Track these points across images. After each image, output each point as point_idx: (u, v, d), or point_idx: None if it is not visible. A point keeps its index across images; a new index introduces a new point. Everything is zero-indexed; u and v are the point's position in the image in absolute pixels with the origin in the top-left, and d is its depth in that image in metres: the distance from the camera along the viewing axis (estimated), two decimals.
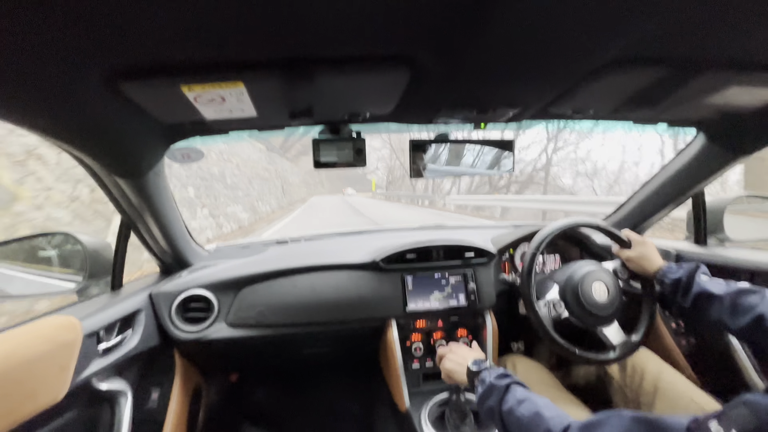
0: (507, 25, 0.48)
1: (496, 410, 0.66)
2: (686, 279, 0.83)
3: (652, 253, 0.96)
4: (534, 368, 1.08)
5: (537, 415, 0.59)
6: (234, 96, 0.60)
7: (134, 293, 1.01)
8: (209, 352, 1.16)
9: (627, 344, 0.95)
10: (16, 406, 0.59)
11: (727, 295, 0.75)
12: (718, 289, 0.77)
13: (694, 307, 0.81)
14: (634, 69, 0.64)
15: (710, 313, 0.77)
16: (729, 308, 0.73)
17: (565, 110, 0.84)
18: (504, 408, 0.65)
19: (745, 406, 0.44)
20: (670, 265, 0.90)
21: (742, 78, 0.67)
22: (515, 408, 0.63)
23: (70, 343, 0.71)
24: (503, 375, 0.71)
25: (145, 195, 0.89)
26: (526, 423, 0.60)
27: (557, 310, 0.99)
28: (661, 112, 0.86)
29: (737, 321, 0.71)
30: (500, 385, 0.69)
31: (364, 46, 0.53)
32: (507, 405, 0.64)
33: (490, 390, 0.69)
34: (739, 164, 1.07)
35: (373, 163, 48.18)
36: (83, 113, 0.59)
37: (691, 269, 0.84)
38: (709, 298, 0.78)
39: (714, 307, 0.76)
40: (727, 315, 0.73)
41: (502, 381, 0.69)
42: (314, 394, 1.65)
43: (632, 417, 0.51)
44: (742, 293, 0.73)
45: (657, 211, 1.27)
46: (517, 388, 0.67)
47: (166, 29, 0.43)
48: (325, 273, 1.19)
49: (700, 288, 0.80)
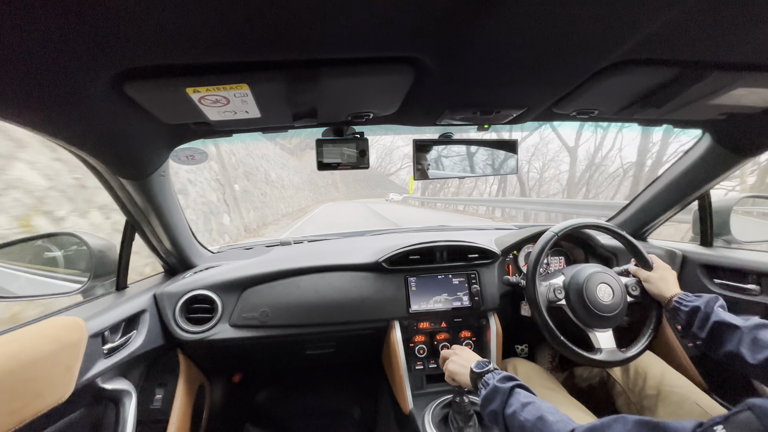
0: (511, 26, 0.47)
1: (500, 413, 0.65)
2: (705, 308, 0.80)
3: (672, 279, 0.94)
4: (536, 371, 1.07)
5: (540, 420, 0.59)
6: (238, 98, 0.60)
7: (139, 294, 1.02)
8: (213, 352, 1.17)
9: (615, 354, 0.94)
10: (22, 405, 0.60)
11: (746, 327, 0.72)
12: (737, 321, 0.75)
13: (711, 338, 0.78)
14: (639, 70, 0.63)
15: (728, 345, 0.74)
16: (749, 342, 0.71)
17: (569, 111, 0.84)
18: (507, 411, 0.64)
19: (751, 411, 0.43)
20: (686, 294, 0.88)
21: (748, 79, 0.66)
22: (519, 411, 0.62)
23: (75, 343, 0.72)
24: (507, 378, 0.71)
25: (150, 196, 0.89)
26: (530, 427, 0.59)
27: (556, 296, 0.99)
28: (667, 113, 0.85)
29: (757, 355, 0.69)
30: (504, 387, 0.68)
31: (367, 48, 0.53)
32: (511, 408, 0.64)
33: (493, 393, 0.69)
34: (744, 166, 1.06)
35: (396, 162, 45.80)
36: (89, 115, 0.59)
37: (710, 299, 0.82)
38: (728, 329, 0.75)
39: (732, 339, 0.74)
40: (746, 348, 0.71)
41: (506, 384, 0.69)
42: (317, 395, 1.65)
43: (636, 421, 0.51)
44: (763, 327, 0.71)
45: (662, 212, 1.26)
46: (521, 392, 0.67)
47: (172, 32, 0.44)
48: (328, 274, 1.19)
49: (718, 318, 0.77)
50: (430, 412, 1.03)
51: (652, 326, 0.98)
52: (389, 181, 49.57)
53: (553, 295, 1.00)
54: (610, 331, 0.97)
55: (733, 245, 1.18)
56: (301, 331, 1.15)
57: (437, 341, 1.23)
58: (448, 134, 0.95)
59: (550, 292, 1.00)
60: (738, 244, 1.17)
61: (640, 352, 0.95)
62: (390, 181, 49.59)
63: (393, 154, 47.24)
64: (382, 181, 50.06)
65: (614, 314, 0.95)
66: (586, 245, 1.40)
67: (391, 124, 0.90)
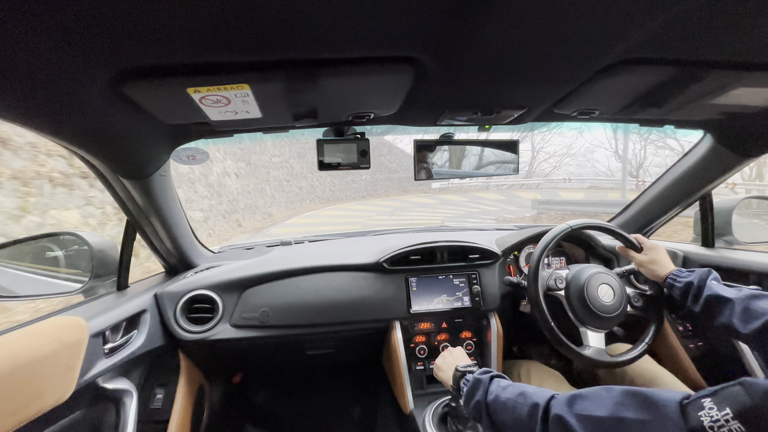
0: (510, 26, 0.47)
1: (482, 402, 0.67)
2: (698, 282, 0.82)
3: (664, 258, 0.95)
4: (549, 375, 1.07)
5: (521, 395, 0.62)
6: (239, 98, 0.60)
7: (140, 293, 1.02)
8: (213, 352, 1.17)
9: (602, 354, 0.93)
10: (23, 405, 0.60)
11: (739, 299, 0.73)
12: (730, 293, 0.76)
13: (705, 311, 0.79)
14: (639, 70, 0.63)
15: (720, 317, 0.76)
16: (740, 313, 0.72)
17: (570, 112, 0.84)
18: (489, 398, 0.66)
19: (742, 386, 0.43)
20: (680, 270, 0.89)
21: (749, 79, 0.66)
22: (500, 394, 0.65)
23: (76, 343, 0.72)
24: (486, 371, 0.74)
25: (151, 196, 0.89)
26: (512, 404, 0.62)
27: (557, 284, 1.00)
28: (667, 113, 0.85)
29: (748, 325, 0.70)
30: (484, 378, 0.71)
31: (367, 48, 0.53)
32: (492, 395, 0.66)
33: (475, 385, 0.71)
34: (747, 166, 1.05)
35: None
36: (89, 115, 0.59)
37: (703, 273, 0.83)
38: (720, 302, 0.76)
39: (725, 311, 0.75)
40: (737, 319, 0.72)
41: (486, 375, 0.72)
42: (317, 396, 1.65)
43: (623, 390, 0.52)
44: (754, 298, 0.72)
45: (664, 213, 1.26)
46: (500, 380, 0.69)
47: (173, 32, 0.44)
48: (329, 274, 1.19)
49: (711, 291, 0.79)
50: (431, 412, 1.03)
51: (647, 340, 0.97)
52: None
53: (554, 283, 1.00)
54: (602, 334, 0.96)
55: (734, 246, 1.18)
56: (302, 331, 1.15)
57: (438, 342, 1.23)
58: (449, 135, 0.95)
59: (551, 279, 1.01)
60: (739, 244, 1.17)
61: (629, 360, 0.94)
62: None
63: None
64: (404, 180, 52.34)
65: (611, 316, 0.95)
66: (587, 246, 1.39)
67: (392, 124, 0.90)
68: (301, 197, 16.05)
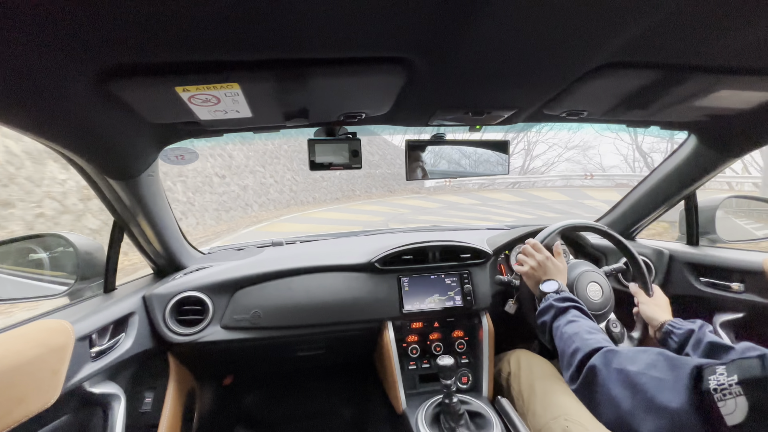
0: (499, 28, 0.48)
1: (548, 325, 0.81)
2: (699, 330, 0.81)
3: (666, 306, 0.95)
4: (537, 361, 1.09)
5: (576, 335, 0.72)
6: (229, 97, 0.60)
7: (127, 295, 1.00)
8: (203, 355, 1.15)
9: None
10: (6, 411, 0.58)
11: (739, 348, 0.73)
12: (729, 342, 0.77)
13: (706, 357, 0.78)
14: (624, 73, 0.64)
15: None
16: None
17: (559, 113, 0.85)
18: (555, 324, 0.80)
19: (760, 360, 0.46)
20: (679, 319, 0.88)
21: (730, 81, 0.68)
22: (563, 326, 0.77)
23: (61, 346, 0.70)
24: (565, 299, 0.84)
25: (138, 196, 0.88)
26: (566, 338, 0.74)
27: None
28: (652, 114, 0.87)
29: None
30: (559, 306, 0.82)
31: (358, 48, 0.53)
32: (558, 322, 0.79)
33: (548, 308, 0.84)
34: (729, 166, 1.08)
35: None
36: (74, 113, 0.58)
37: (702, 323, 0.84)
38: (722, 350, 0.76)
39: (727, 358, 0.73)
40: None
41: (563, 303, 0.82)
42: (308, 397, 1.64)
43: (657, 352, 0.59)
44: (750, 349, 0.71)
45: (650, 212, 1.29)
46: (569, 313, 0.79)
47: (158, 29, 0.43)
48: (320, 275, 1.18)
49: (712, 339, 0.79)
50: (423, 411, 1.03)
51: (638, 336, 0.98)
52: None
53: None
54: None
55: (718, 244, 1.21)
56: (293, 332, 1.14)
57: (430, 341, 1.23)
58: (441, 135, 0.96)
59: None
60: (722, 242, 1.20)
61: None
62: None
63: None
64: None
65: (599, 314, 0.97)
66: (575, 244, 1.42)
67: (384, 124, 0.90)
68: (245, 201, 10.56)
